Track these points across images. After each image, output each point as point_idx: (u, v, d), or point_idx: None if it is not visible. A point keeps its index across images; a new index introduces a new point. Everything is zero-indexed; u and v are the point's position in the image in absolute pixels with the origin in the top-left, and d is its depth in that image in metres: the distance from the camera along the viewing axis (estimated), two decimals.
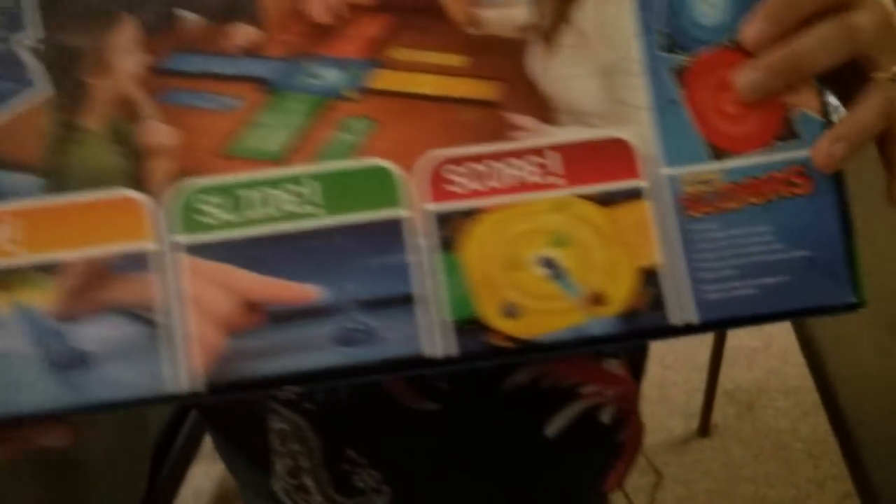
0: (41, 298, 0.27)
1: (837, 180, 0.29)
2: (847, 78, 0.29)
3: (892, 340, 0.47)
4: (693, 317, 0.28)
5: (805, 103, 0.29)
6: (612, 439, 0.48)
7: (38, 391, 0.27)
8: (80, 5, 0.28)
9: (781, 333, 1.40)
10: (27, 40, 0.28)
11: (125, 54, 0.28)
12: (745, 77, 0.28)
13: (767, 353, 1.40)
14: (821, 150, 0.28)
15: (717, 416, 1.30)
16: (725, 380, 1.27)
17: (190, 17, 0.28)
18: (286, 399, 0.42)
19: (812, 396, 1.30)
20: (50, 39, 0.28)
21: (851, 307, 0.29)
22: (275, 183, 0.28)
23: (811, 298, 0.29)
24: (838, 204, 0.29)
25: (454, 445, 0.44)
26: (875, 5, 0.28)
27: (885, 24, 0.28)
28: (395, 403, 0.41)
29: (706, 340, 1.22)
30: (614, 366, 0.44)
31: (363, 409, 0.42)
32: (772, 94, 0.29)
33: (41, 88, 0.27)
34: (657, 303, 0.28)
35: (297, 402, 0.42)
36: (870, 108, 0.28)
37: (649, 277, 0.28)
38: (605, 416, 0.45)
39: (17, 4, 0.28)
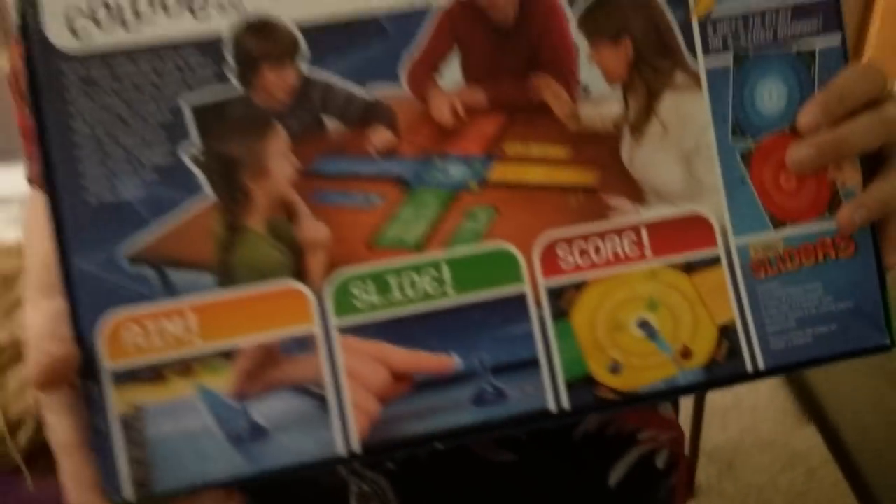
0: (221, 381, 0.30)
1: (874, 243, 0.34)
2: (871, 160, 0.33)
3: (891, 390, 0.51)
4: (762, 364, 0.33)
5: (850, 179, 0.34)
6: (665, 484, 0.50)
7: (223, 463, 0.30)
8: (234, 116, 0.31)
9: (749, 392, 1.42)
10: (192, 150, 0.30)
11: (280, 159, 0.31)
12: (798, 152, 0.33)
13: (739, 410, 1.41)
14: (844, 215, 0.33)
15: (700, 476, 1.31)
16: (703, 441, 1.29)
17: (332, 124, 0.31)
18: None
19: (786, 450, 1.33)
20: (209, 149, 0.30)
21: (886, 348, 0.34)
22: (418, 268, 0.31)
23: (855, 342, 0.34)
24: (875, 262, 0.34)
25: (526, 499, 0.45)
26: None
27: None
28: (473, 457, 0.43)
29: (683, 403, 1.19)
30: (668, 411, 0.48)
31: (441, 466, 0.43)
32: (819, 169, 0.33)
33: (206, 194, 0.30)
34: (733, 354, 0.33)
35: (379, 462, 0.44)
36: (890, 183, 0.33)
37: (726, 333, 0.33)
38: (660, 461, 0.48)
39: (178, 118, 0.30)
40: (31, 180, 0.51)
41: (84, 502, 0.30)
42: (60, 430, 0.30)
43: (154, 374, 0.30)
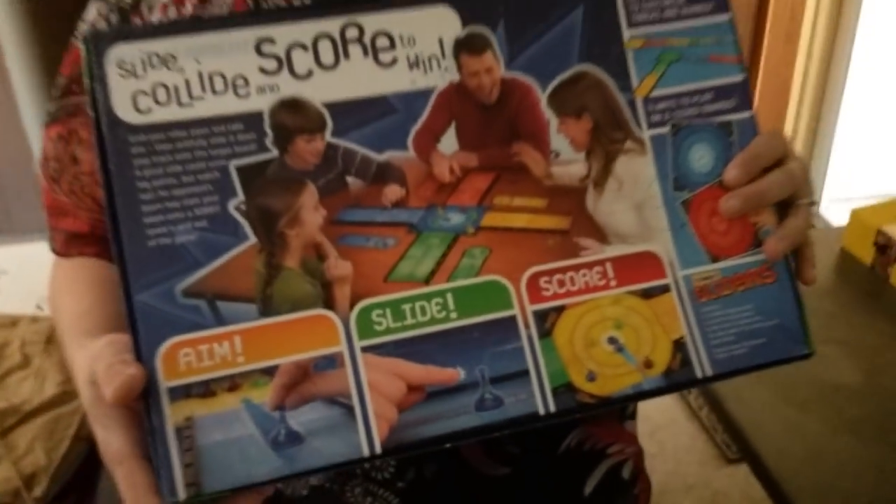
0: (262, 394, 0.34)
1: (789, 271, 0.41)
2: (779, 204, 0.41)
3: (801, 416, 0.58)
4: (709, 371, 0.39)
5: (767, 221, 0.40)
6: (630, 493, 0.54)
7: (264, 465, 0.33)
8: (273, 176, 0.36)
9: (671, 439, 1.49)
10: (237, 203, 0.35)
11: (311, 211, 0.36)
12: (728, 202, 0.40)
13: (663, 456, 1.48)
14: (770, 246, 0.40)
15: None
16: None
17: (353, 181, 0.37)
18: (383, 479, 0.47)
19: (708, 490, 1.40)
20: (251, 202, 0.35)
21: (808, 356, 0.40)
22: (427, 297, 0.36)
23: (782, 353, 0.40)
24: (792, 287, 0.41)
25: None
26: (800, 159, 0.41)
27: (805, 171, 0.41)
28: (473, 472, 0.47)
29: None
30: (631, 427, 0.52)
31: (445, 482, 0.47)
32: (745, 215, 0.40)
33: (250, 239, 0.35)
34: (685, 363, 0.38)
35: (392, 481, 0.47)
36: (800, 220, 0.40)
37: (679, 346, 0.39)
38: (626, 472, 0.53)
39: (225, 177, 0.35)
40: (55, 250, 0.55)
41: None
42: (116, 443, 0.34)
43: (205, 390, 0.34)
